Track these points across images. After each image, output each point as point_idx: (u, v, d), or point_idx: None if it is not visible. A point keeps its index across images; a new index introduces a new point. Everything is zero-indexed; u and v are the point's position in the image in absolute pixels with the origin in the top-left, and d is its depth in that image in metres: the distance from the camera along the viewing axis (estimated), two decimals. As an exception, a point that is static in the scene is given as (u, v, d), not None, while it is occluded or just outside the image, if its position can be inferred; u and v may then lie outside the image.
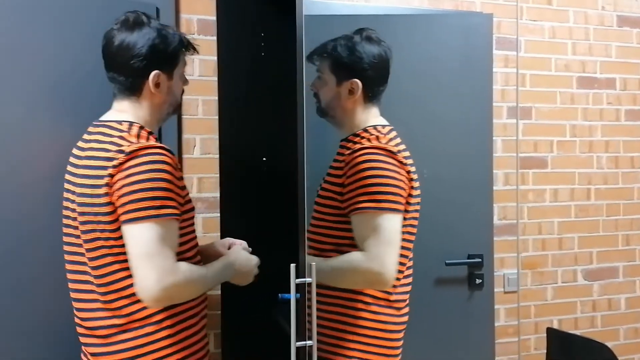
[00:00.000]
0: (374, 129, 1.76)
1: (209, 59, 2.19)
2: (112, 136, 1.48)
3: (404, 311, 1.78)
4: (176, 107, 1.66)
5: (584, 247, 2.77)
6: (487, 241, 2.47)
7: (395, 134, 1.78)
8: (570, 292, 2.75)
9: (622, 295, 2.85)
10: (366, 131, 1.76)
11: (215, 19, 2.18)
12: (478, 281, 2.43)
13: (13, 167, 1.86)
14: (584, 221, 2.77)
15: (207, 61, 2.19)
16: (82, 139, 1.54)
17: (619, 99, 2.82)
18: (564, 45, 2.71)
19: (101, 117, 1.56)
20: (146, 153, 1.43)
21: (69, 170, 1.54)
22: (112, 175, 1.42)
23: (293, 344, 1.46)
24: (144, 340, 1.48)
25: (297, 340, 1.47)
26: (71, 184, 1.51)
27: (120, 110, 1.55)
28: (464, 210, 2.39)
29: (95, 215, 1.44)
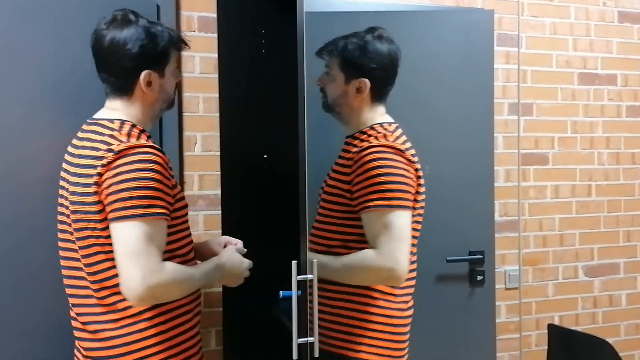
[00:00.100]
0: (381, 126, 1.77)
1: (210, 56, 2.19)
2: (104, 135, 1.48)
3: (409, 305, 1.81)
4: (170, 104, 1.65)
5: (585, 244, 2.77)
6: (488, 238, 2.47)
7: (401, 131, 1.79)
8: (571, 289, 2.75)
9: (623, 291, 2.85)
10: (373, 129, 1.77)
11: (216, 16, 2.18)
12: (479, 278, 2.43)
13: (13, 166, 1.86)
14: (585, 217, 2.77)
15: (208, 58, 2.19)
16: (76, 136, 1.54)
17: (620, 95, 2.82)
18: (565, 41, 2.71)
19: (94, 115, 1.56)
20: (135, 152, 1.42)
21: (63, 168, 1.54)
22: (101, 174, 1.42)
23: (295, 341, 1.46)
24: (136, 337, 1.48)
25: (299, 337, 1.47)
26: (65, 181, 1.52)
27: (112, 109, 1.55)
28: (465, 206, 2.40)
29: (85, 214, 1.45)
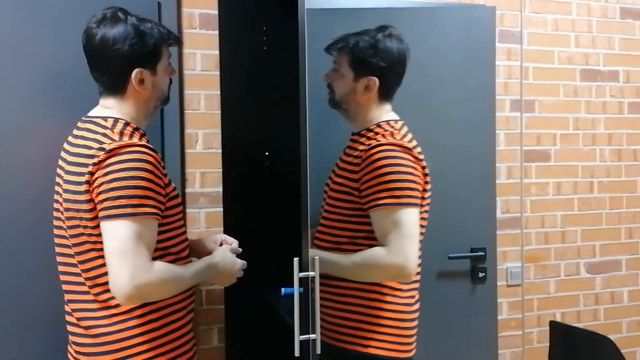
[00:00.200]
0: (387, 124, 1.78)
1: (211, 53, 2.18)
2: (96, 133, 1.48)
3: (416, 299, 1.83)
4: (164, 100, 1.65)
5: (587, 240, 2.77)
6: (489, 235, 2.47)
7: (407, 129, 1.80)
8: (573, 285, 2.75)
9: (625, 288, 2.85)
10: (380, 126, 1.78)
11: (217, 13, 2.17)
12: (481, 275, 2.44)
13: (11, 163, 1.87)
14: (587, 214, 2.76)
15: (209, 55, 2.19)
16: (72, 134, 1.55)
17: (622, 91, 2.81)
18: (566, 37, 2.70)
19: (89, 113, 1.56)
20: (126, 151, 1.43)
21: (59, 165, 1.55)
22: (93, 173, 1.42)
23: (297, 338, 1.47)
24: (127, 334, 1.49)
25: (301, 333, 1.47)
26: (60, 178, 1.53)
27: (106, 107, 1.55)
28: (466, 203, 2.40)
29: (77, 212, 1.46)
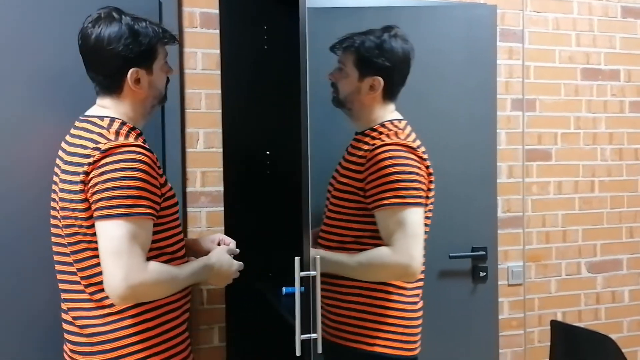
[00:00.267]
0: (391, 124, 1.78)
1: (212, 52, 2.18)
2: (92, 132, 1.48)
3: (420, 298, 1.84)
4: (161, 99, 1.64)
5: (588, 240, 2.76)
6: (491, 234, 2.47)
7: (411, 128, 1.80)
8: (574, 285, 2.75)
9: (626, 287, 2.85)
10: (384, 126, 1.78)
11: (218, 12, 2.17)
12: (482, 274, 2.44)
13: (11, 162, 1.87)
14: (588, 213, 2.76)
15: (210, 55, 2.18)
16: (69, 133, 1.55)
17: (623, 90, 2.81)
18: (568, 36, 2.70)
19: (86, 112, 1.56)
20: (121, 151, 1.43)
21: (57, 164, 1.55)
22: (88, 173, 1.42)
23: (298, 337, 1.47)
24: (120, 334, 1.49)
25: (302, 333, 1.47)
26: (57, 177, 1.53)
27: (103, 106, 1.55)
28: (467, 203, 2.39)
29: (73, 211, 1.46)
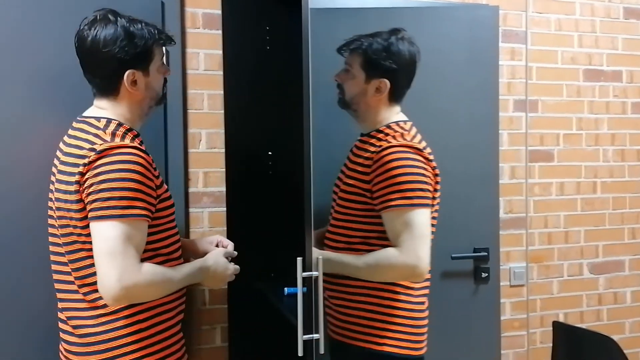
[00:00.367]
0: (397, 125, 1.79)
1: (215, 52, 2.18)
2: (89, 133, 1.49)
3: (426, 297, 1.85)
4: (159, 100, 1.64)
5: (590, 241, 2.76)
6: (493, 235, 2.47)
7: (416, 130, 1.81)
8: (576, 286, 2.75)
9: (628, 288, 2.84)
10: (390, 128, 1.79)
11: (221, 12, 2.18)
12: (484, 275, 2.43)
13: (10, 162, 1.87)
14: (590, 215, 2.76)
15: (213, 55, 2.19)
16: (67, 134, 1.55)
17: (625, 91, 2.81)
18: (570, 37, 2.70)
19: (84, 113, 1.57)
20: (117, 153, 1.43)
21: (54, 164, 1.55)
22: (83, 174, 1.43)
23: (300, 337, 1.47)
24: (113, 334, 1.49)
25: (304, 333, 1.47)
26: (54, 176, 1.53)
27: (100, 107, 1.55)
28: (470, 203, 2.39)
29: (68, 212, 1.46)
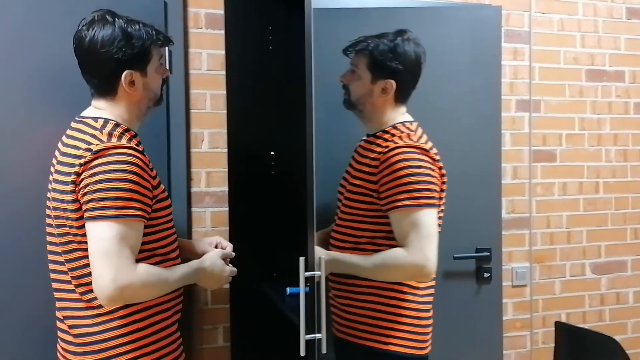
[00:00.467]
0: (403, 126, 1.80)
1: (217, 53, 2.19)
2: (86, 133, 1.49)
3: (431, 298, 1.86)
4: (157, 101, 1.65)
5: (593, 241, 2.76)
6: (495, 235, 2.47)
7: (422, 130, 1.82)
8: (579, 286, 2.75)
9: (630, 289, 2.84)
10: (396, 128, 1.79)
11: (223, 12, 2.18)
12: (486, 275, 2.43)
13: (13, 165, 1.87)
14: (593, 215, 2.76)
15: (215, 55, 2.19)
16: (65, 134, 1.55)
17: (627, 91, 2.80)
18: (572, 37, 2.69)
19: (82, 113, 1.57)
20: (113, 153, 1.43)
21: (52, 164, 1.56)
22: (79, 174, 1.43)
23: (302, 337, 1.47)
24: (109, 335, 1.49)
25: (307, 333, 1.47)
26: (52, 176, 1.54)
27: (98, 108, 1.56)
28: (472, 204, 2.39)
29: (64, 211, 1.47)
